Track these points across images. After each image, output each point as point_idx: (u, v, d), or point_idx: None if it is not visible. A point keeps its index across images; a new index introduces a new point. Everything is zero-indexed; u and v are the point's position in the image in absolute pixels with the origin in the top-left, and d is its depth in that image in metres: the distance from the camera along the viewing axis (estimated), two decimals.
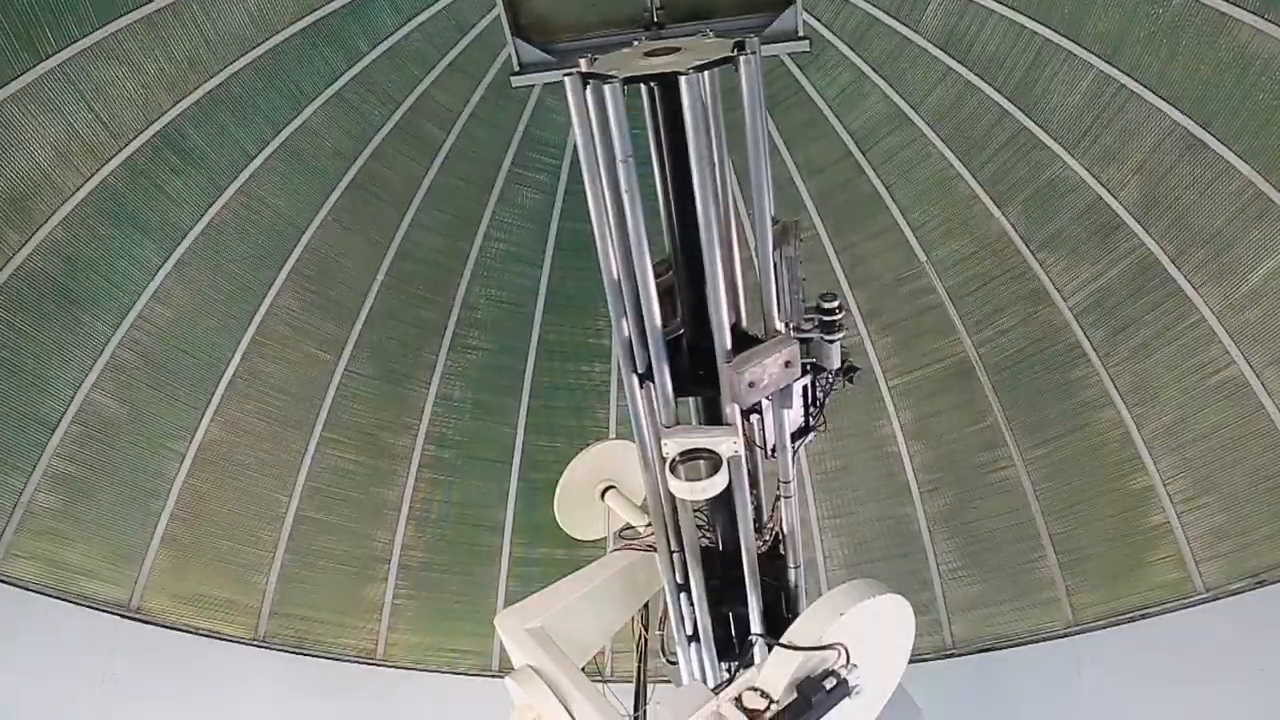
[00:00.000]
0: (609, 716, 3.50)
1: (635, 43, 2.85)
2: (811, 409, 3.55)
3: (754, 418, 3.36)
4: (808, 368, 3.27)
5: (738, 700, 3.14)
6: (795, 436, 3.57)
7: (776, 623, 3.94)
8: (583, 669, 3.76)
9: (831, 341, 3.22)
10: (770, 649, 3.25)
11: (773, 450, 3.54)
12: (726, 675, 4.21)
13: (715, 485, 3.13)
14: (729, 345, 3.03)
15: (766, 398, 3.19)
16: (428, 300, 9.62)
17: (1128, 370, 8.61)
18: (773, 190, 2.92)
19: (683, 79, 2.60)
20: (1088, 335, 8.71)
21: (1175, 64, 7.60)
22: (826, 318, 3.18)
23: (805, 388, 3.39)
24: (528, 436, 9.84)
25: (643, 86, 2.79)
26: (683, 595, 4.16)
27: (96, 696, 7.83)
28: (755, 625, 4.05)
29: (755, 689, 3.12)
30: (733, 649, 4.34)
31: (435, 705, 9.16)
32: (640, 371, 3.19)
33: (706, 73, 2.62)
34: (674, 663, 4.61)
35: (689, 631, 4.34)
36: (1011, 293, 9.00)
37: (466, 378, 9.81)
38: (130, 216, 8.06)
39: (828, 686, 2.99)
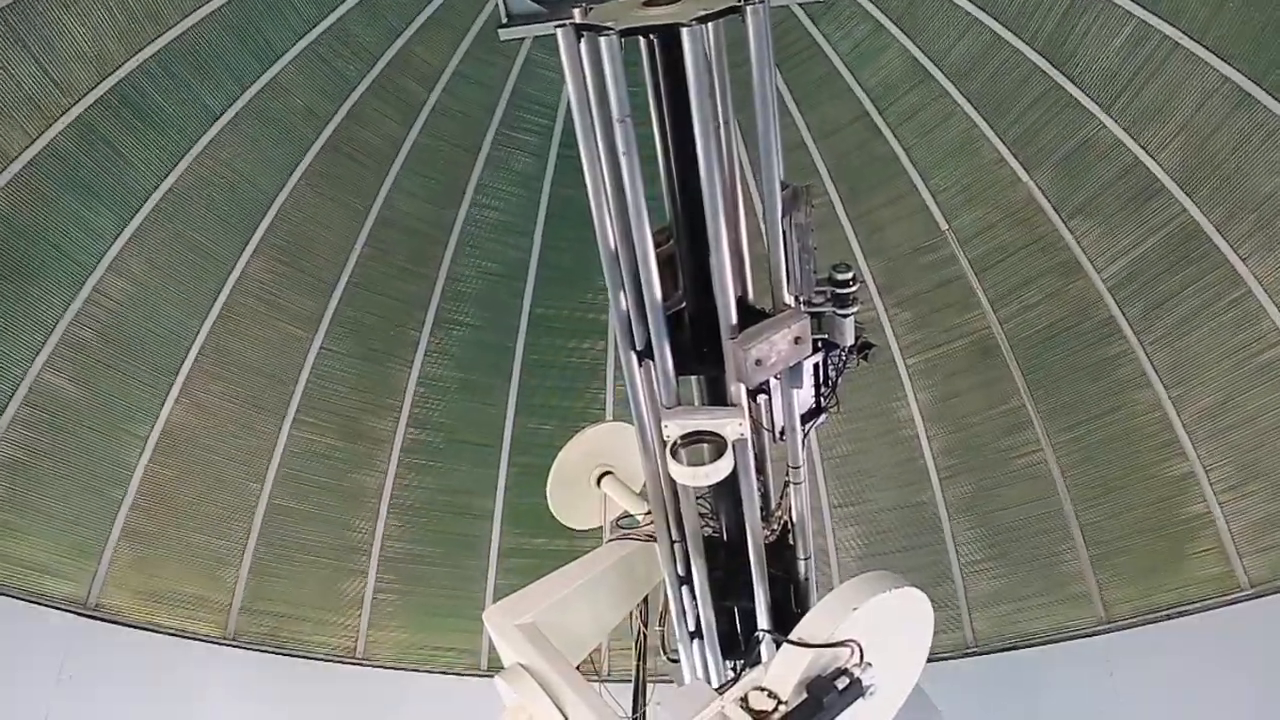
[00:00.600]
0: (606, 718, 3.53)
1: None
2: (823, 389, 3.55)
3: (761, 398, 3.36)
4: (819, 344, 3.28)
5: (743, 701, 3.16)
6: (805, 418, 3.59)
7: (785, 618, 3.98)
8: (578, 667, 3.79)
9: (845, 316, 3.22)
10: (778, 646, 3.27)
11: (781, 433, 3.56)
12: (731, 674, 4.25)
13: (719, 470, 3.15)
14: (734, 320, 3.04)
15: (775, 376, 3.19)
16: (410, 272, 9.62)
17: (1167, 348, 8.62)
18: (782, 152, 2.93)
19: (685, 31, 2.59)
20: (1123, 310, 8.72)
21: (1225, 12, 7.55)
22: (840, 290, 3.18)
23: (816, 366, 3.40)
24: (518, 419, 9.88)
25: (641, 39, 2.78)
26: (684, 588, 4.19)
27: (51, 702, 7.85)
28: (762, 620, 4.09)
29: (762, 689, 3.14)
30: (738, 646, 4.37)
31: (420, 707, 9.23)
32: (639, 348, 3.20)
33: (710, 24, 2.61)
34: (675, 661, 4.65)
35: (691, 627, 4.37)
36: (1040, 264, 9.00)
37: (452, 356, 9.83)
38: (83, 181, 8.03)
39: (840, 686, 3.01)
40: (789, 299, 3.12)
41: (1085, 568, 8.97)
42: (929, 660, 3.43)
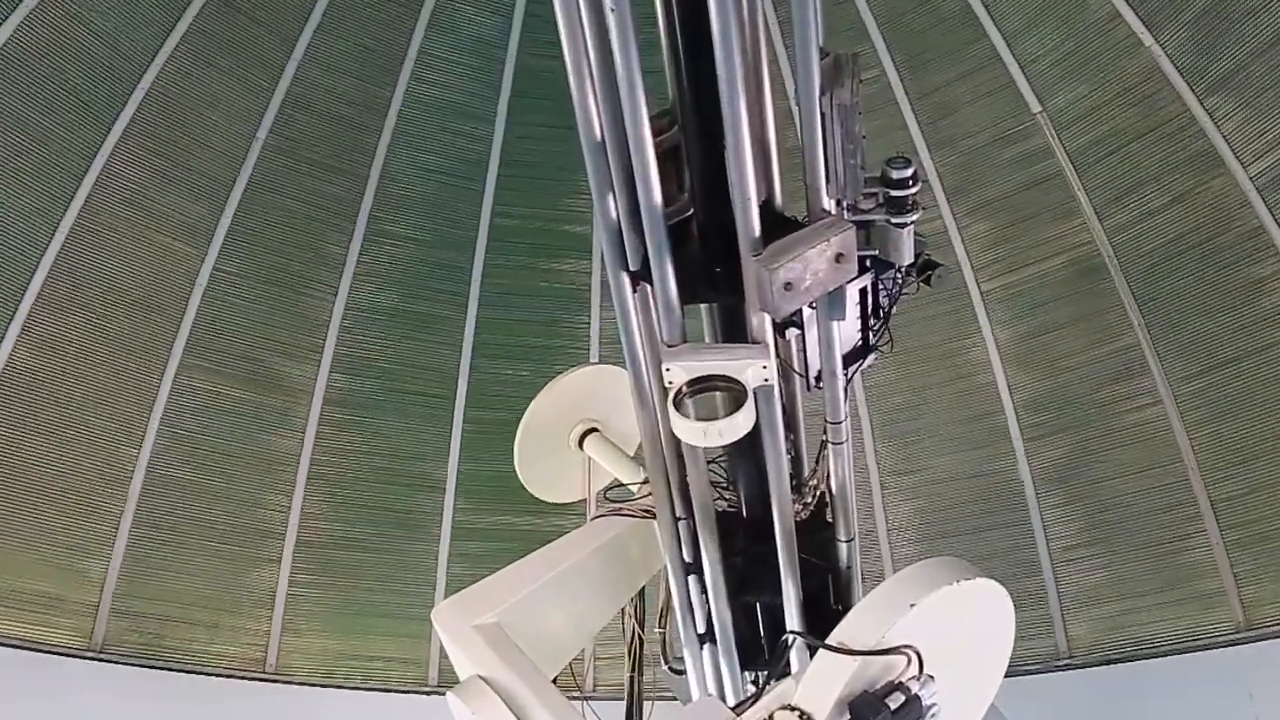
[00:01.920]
0: None
1: None
2: (872, 322, 3.60)
3: (792, 333, 3.40)
4: (867, 263, 3.31)
5: None
6: (849, 360, 3.62)
7: (821, 617, 4.06)
8: (554, 680, 3.86)
9: (902, 226, 3.24)
10: (812, 653, 3.34)
11: (818, 379, 3.59)
12: (752, 689, 4.33)
13: (736, 426, 3.18)
14: (757, 231, 3.05)
15: (810, 305, 3.23)
16: (330, 169, 9.60)
17: None
18: (821, 10, 2.93)
19: None
20: (1277, 218, 8.71)
21: None
22: (896, 193, 3.18)
23: (863, 291, 3.44)
24: (476, 361, 9.93)
25: None
26: (692, 579, 4.26)
27: None
28: (792, 620, 4.17)
29: (792, 708, 3.20)
30: (761, 653, 4.48)
31: None
32: (633, 268, 3.22)
33: None
34: (680, 672, 4.74)
35: (700, 629, 4.46)
36: (1165, 157, 8.98)
37: (388, 279, 9.85)
38: None
39: (892, 705, 3.05)
40: (828, 204, 3.13)
41: (1218, 558, 9.06)
42: (1009, 674, 3.50)
